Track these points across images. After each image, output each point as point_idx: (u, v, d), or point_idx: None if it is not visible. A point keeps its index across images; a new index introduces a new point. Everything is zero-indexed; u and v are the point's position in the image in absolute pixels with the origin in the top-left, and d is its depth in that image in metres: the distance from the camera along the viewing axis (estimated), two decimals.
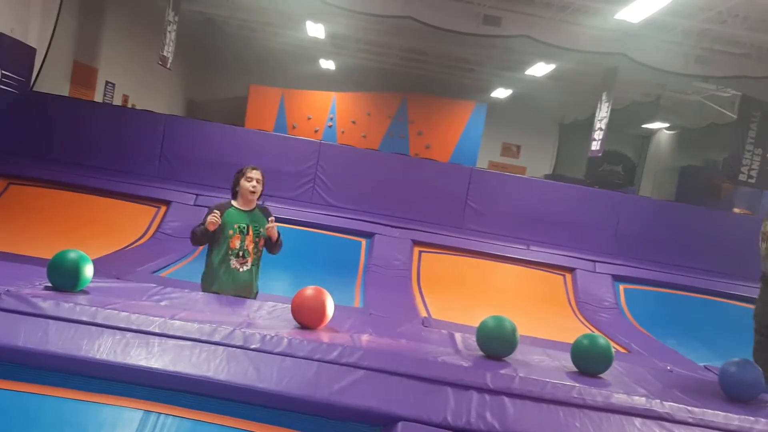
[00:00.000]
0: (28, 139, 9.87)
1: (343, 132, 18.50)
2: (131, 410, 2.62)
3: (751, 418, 2.85)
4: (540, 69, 15.21)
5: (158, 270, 7.43)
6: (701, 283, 9.85)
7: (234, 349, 2.80)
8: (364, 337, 3.14)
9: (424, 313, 7.44)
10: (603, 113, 13.75)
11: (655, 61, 11.81)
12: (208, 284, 4.29)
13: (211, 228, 4.17)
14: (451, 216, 10.32)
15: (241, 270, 4.30)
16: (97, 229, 8.61)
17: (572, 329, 8.06)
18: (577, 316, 9.10)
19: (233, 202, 4.41)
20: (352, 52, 17.87)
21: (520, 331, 3.27)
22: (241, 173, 4.42)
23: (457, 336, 3.52)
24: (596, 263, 9.96)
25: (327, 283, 5.69)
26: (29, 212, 8.80)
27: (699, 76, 12.36)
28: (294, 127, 18.36)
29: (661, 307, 9.57)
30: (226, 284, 4.26)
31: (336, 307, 3.34)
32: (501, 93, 19.27)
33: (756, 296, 4.96)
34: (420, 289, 8.76)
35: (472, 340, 3.36)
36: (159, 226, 9.13)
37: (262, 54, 18.87)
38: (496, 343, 3.19)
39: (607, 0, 10.60)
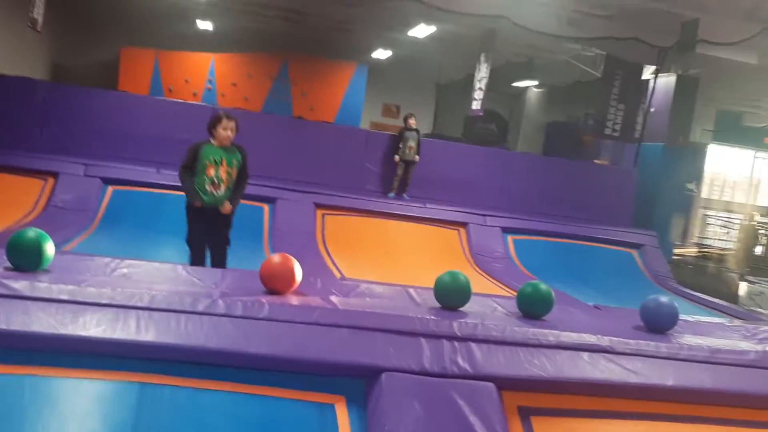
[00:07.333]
0: None
1: (223, 95, 18.03)
2: (128, 383, 2.67)
3: (676, 345, 3.33)
4: (422, 30, 15.50)
5: (59, 244, 7.12)
6: (580, 231, 10.76)
7: (219, 317, 2.89)
8: (334, 299, 3.32)
9: (337, 274, 7.66)
10: (483, 73, 14.30)
11: (532, 23, 12.44)
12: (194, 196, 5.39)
13: (196, 205, 5.40)
14: (351, 178, 10.55)
15: (216, 193, 5.41)
16: None
17: (470, 279, 8.61)
18: (473, 267, 9.67)
19: (211, 140, 5.38)
20: (230, 12, 17.36)
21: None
22: (218, 121, 5.28)
23: (411, 291, 3.78)
24: (486, 217, 10.56)
25: (235, 248, 5.85)
26: None
27: (571, 38, 13.13)
28: (170, 91, 17.66)
29: (547, 254, 10.37)
30: (206, 200, 5.39)
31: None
32: (381, 54, 19.46)
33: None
34: (327, 250, 8.95)
35: (427, 294, 3.64)
36: (49, 199, 8.67)
37: (134, 14, 17.85)
38: (454, 295, 3.49)
39: None
